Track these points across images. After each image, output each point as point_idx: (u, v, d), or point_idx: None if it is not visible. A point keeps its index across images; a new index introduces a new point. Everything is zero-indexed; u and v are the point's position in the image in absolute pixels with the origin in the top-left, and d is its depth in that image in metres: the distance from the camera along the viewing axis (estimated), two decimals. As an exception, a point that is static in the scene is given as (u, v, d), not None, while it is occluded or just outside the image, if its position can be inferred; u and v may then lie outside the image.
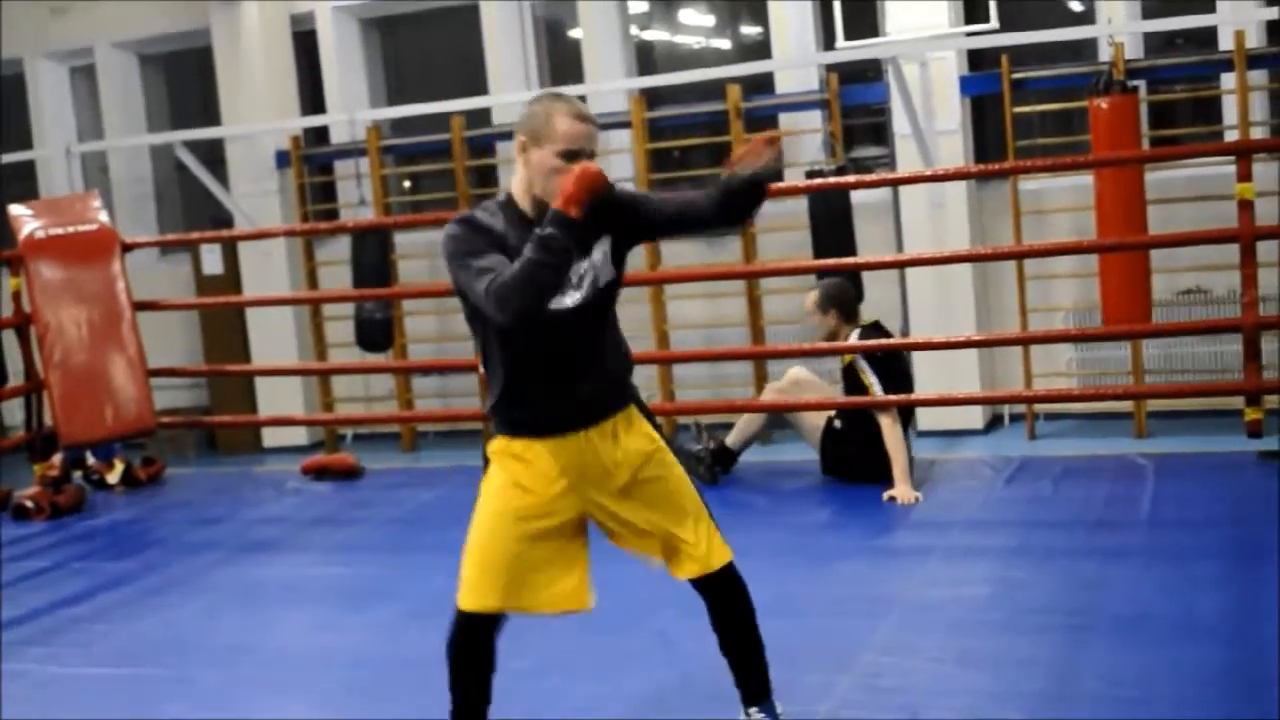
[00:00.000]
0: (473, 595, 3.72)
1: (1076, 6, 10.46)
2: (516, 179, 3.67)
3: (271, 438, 11.31)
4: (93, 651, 5.44)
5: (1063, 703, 4.13)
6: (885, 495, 6.61)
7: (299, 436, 11.20)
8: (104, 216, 8.25)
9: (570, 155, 3.49)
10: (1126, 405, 9.18)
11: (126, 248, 8.27)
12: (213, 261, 11.32)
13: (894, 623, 4.93)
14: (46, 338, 7.87)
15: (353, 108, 11.22)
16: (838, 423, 7.11)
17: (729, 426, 7.46)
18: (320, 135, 11.66)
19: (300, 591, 6.16)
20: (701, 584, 3.77)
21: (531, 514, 3.68)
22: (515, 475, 3.69)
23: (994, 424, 9.85)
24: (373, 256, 10.30)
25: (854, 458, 7.01)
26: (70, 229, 7.98)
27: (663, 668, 4.72)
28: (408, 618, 5.51)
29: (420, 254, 10.98)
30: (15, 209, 8.21)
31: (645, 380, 10.38)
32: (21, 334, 8.25)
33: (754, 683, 3.85)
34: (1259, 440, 6.53)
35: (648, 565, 3.85)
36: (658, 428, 3.84)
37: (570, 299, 3.58)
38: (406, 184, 12.13)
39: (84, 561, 6.94)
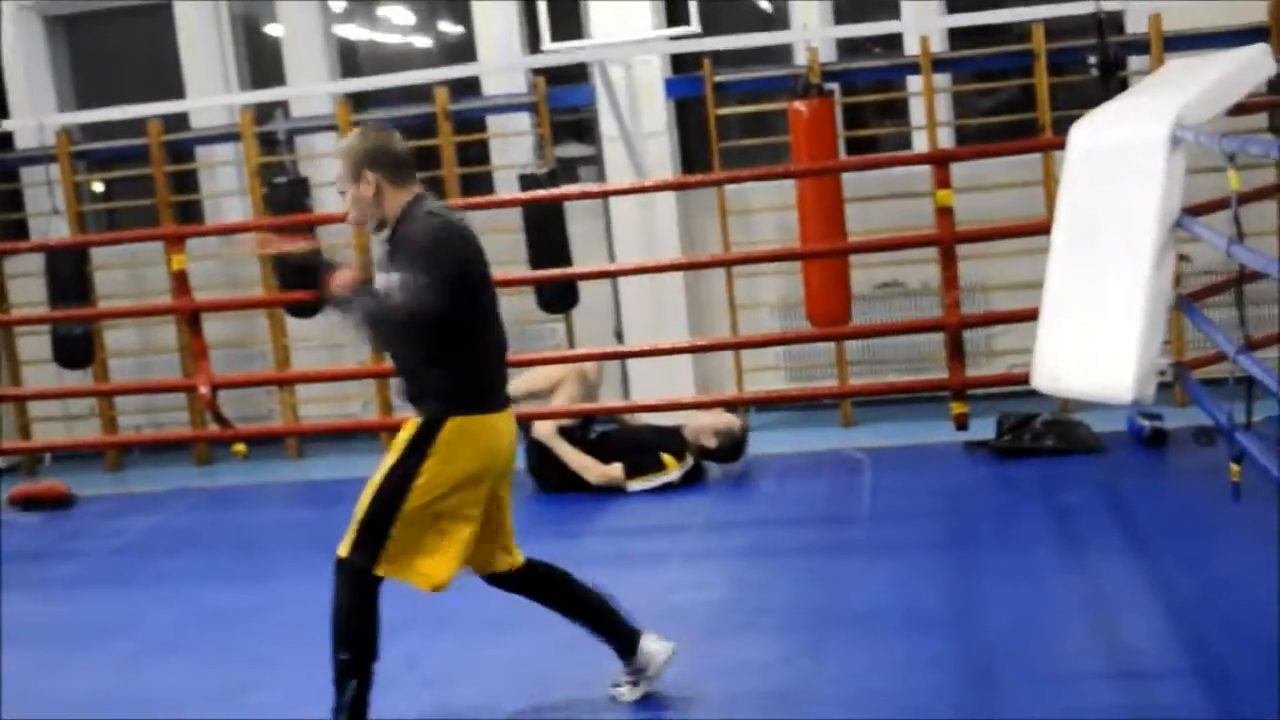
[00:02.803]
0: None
1: (765, 6, 10.81)
2: None
3: (-39, 462, 10.69)
4: None
5: (800, 703, 4.33)
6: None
7: (-7, 460, 10.62)
8: None
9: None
10: (832, 394, 9.58)
11: None
12: (-110, 276, 10.62)
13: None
14: None
15: (39, 111, 10.71)
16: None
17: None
18: (4, 141, 11.05)
19: (23, 632, 5.85)
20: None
21: None
22: None
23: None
24: (68, 270, 9.84)
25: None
26: None
27: (416, 689, 4.72)
28: (140, 655, 5.36)
29: (120, 264, 10.56)
30: None
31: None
32: None
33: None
34: (965, 431, 6.94)
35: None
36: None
37: None
38: (98, 188, 11.58)
39: None
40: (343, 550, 4.13)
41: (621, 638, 4.40)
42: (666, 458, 7.18)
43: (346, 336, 4.26)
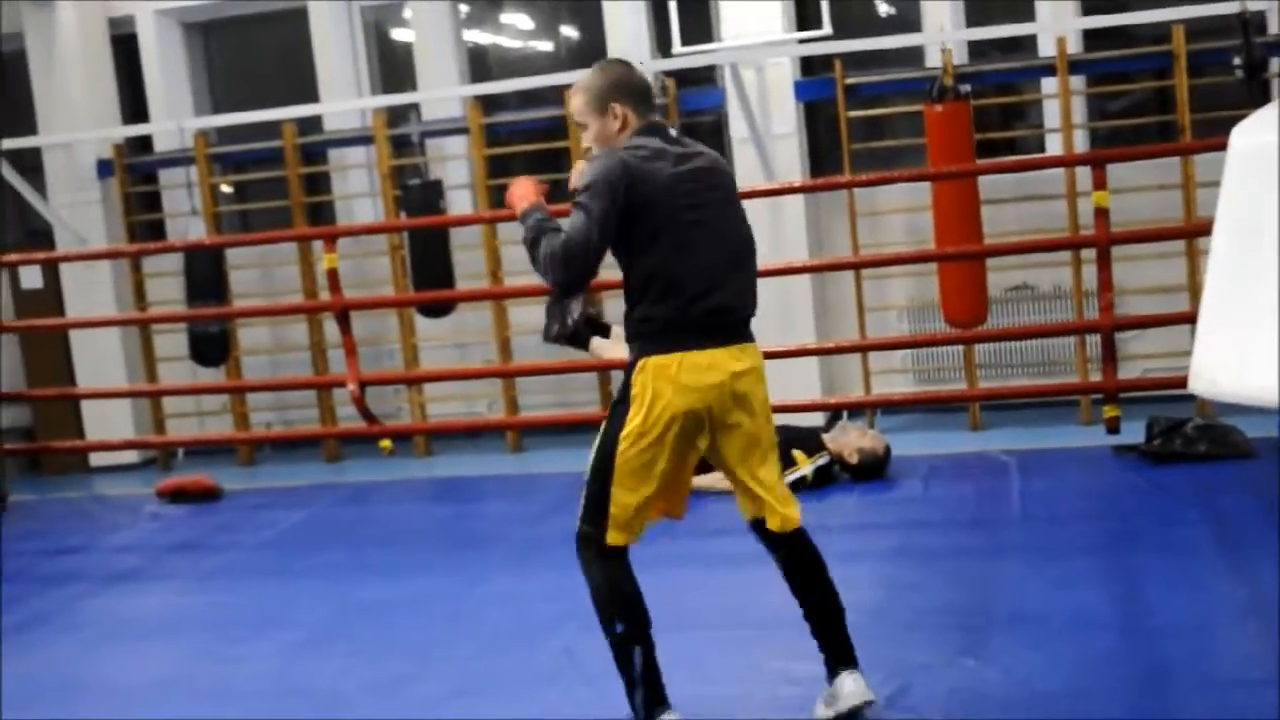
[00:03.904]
0: None
1: (885, 9, 10.76)
2: None
3: (99, 456, 10.92)
4: (-32, 696, 5.23)
5: (967, 705, 4.27)
6: None
7: (129, 455, 10.86)
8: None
9: None
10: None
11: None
12: (32, 276, 10.90)
13: (795, 630, 5.03)
14: (-120, 365, 7.52)
15: (177, 114, 10.94)
16: None
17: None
18: (143, 143, 11.31)
19: (180, 622, 6.01)
20: None
21: None
22: None
23: (832, 420, 10.07)
24: (205, 270, 10.03)
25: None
26: (-102, 251, 7.63)
27: (576, 686, 4.75)
28: (301, 646, 5.44)
29: (253, 264, 10.75)
30: None
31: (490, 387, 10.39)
32: None
33: None
34: (1115, 436, 6.86)
35: None
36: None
37: None
38: (225, 189, 11.76)
39: (-62, 599, 6.64)
40: (577, 523, 4.04)
41: (832, 655, 4.23)
42: (797, 453, 7.15)
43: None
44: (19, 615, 6.24)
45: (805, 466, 7.09)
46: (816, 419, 8.91)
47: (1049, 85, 9.58)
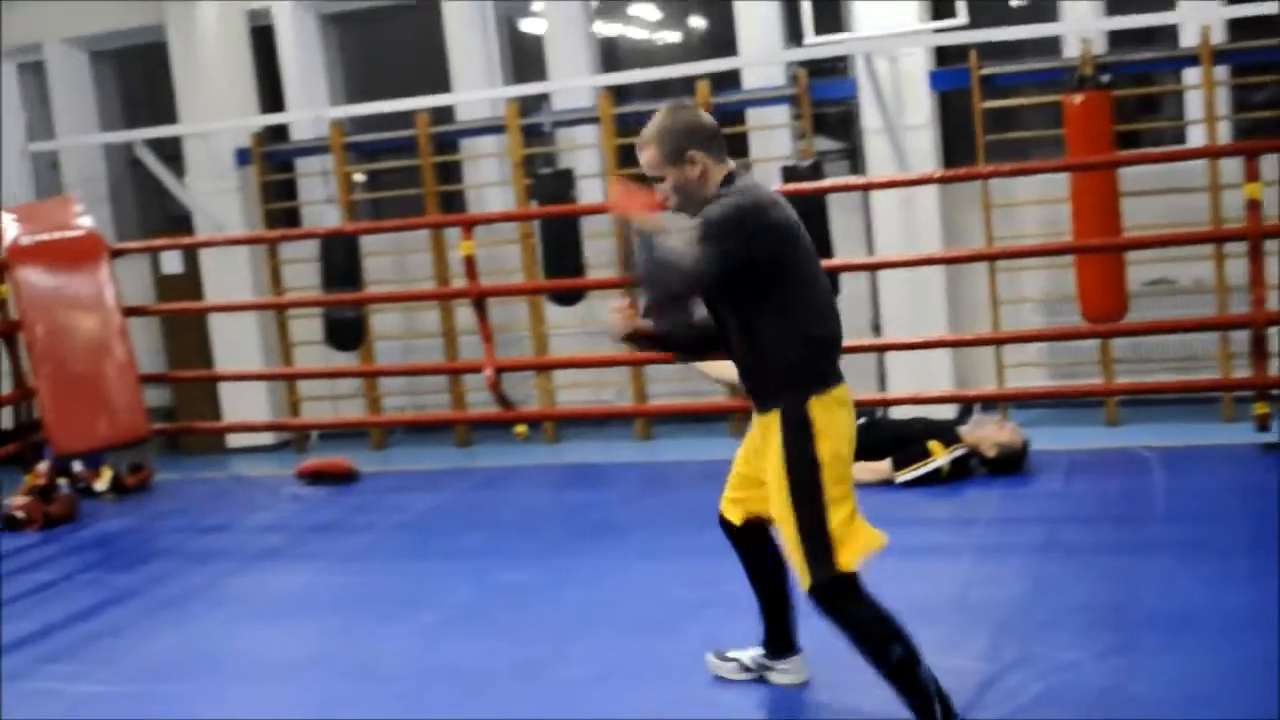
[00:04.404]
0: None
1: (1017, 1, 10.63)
2: None
3: (236, 437, 11.16)
4: (122, 668, 5.36)
5: (1119, 704, 4.20)
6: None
7: (265, 436, 11.09)
8: (88, 221, 8.11)
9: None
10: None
11: (114, 253, 8.16)
12: (172, 261, 11.17)
13: (940, 624, 4.99)
14: (36, 346, 7.72)
15: (313, 104, 11.13)
16: None
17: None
18: (278, 132, 11.51)
19: (322, 601, 6.10)
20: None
21: None
22: None
23: (965, 414, 9.97)
24: (342, 256, 10.19)
25: None
26: (57, 235, 7.84)
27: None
28: (443, 626, 5.50)
29: (387, 251, 10.90)
30: (-3, 215, 8.05)
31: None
32: (9, 342, 8.08)
33: None
34: (1266, 434, 6.73)
35: None
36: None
37: None
38: (358, 177, 11.94)
39: (90, 573, 6.82)
40: (805, 581, 3.97)
41: (781, 636, 4.52)
42: (933, 445, 7.10)
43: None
44: (170, 590, 6.42)
45: (942, 457, 7.03)
46: (948, 411, 8.86)
47: (1190, 76, 9.40)
